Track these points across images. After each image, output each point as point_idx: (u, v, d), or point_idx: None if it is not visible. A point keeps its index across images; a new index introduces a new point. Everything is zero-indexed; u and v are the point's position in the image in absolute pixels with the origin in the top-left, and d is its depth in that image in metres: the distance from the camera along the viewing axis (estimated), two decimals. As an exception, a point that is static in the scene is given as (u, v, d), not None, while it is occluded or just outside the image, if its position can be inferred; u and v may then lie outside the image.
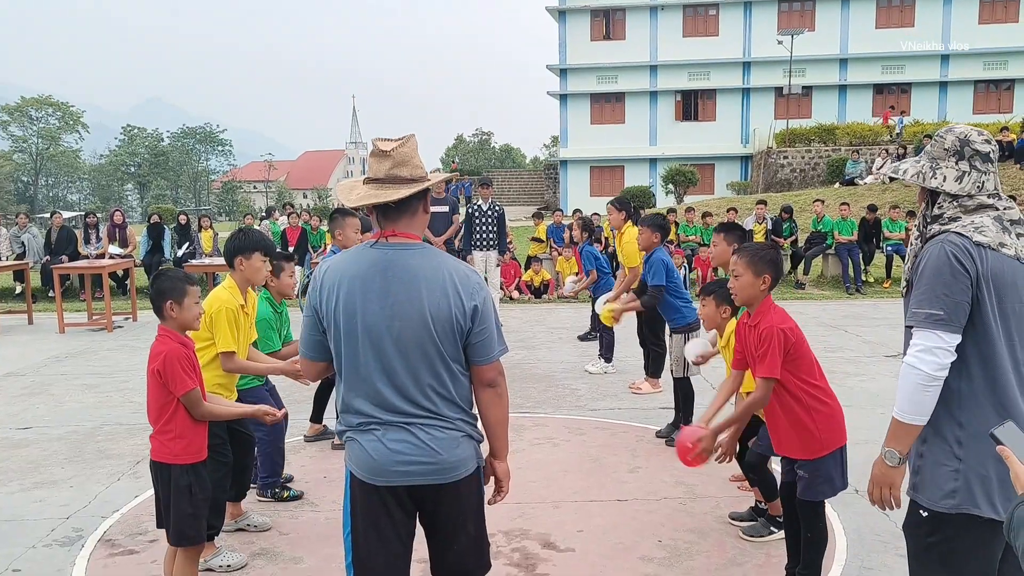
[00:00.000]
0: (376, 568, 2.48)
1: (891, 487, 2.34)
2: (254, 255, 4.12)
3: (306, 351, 2.58)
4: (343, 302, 2.43)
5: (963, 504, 2.19)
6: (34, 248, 14.99)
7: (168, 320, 3.33)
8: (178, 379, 3.23)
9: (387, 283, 2.41)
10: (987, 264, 2.20)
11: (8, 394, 7.67)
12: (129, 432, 6.31)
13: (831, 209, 16.51)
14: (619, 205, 7.33)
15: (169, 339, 3.30)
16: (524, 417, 6.51)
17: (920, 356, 2.19)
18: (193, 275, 3.55)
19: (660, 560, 4.02)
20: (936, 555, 2.24)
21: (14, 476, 5.39)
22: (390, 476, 2.42)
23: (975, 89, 35.34)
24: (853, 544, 4.14)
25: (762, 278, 3.39)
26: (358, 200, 2.48)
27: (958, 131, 2.38)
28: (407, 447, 2.41)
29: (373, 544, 2.46)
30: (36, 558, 4.15)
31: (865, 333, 10.17)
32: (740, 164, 36.43)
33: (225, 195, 75.16)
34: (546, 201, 38.35)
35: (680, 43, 36.46)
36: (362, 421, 2.45)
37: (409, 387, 2.41)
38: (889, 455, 2.31)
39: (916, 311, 2.23)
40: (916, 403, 2.21)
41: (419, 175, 2.47)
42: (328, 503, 4.79)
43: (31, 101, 70.66)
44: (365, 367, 2.42)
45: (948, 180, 2.34)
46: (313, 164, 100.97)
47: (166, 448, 3.29)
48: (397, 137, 2.51)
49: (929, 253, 2.26)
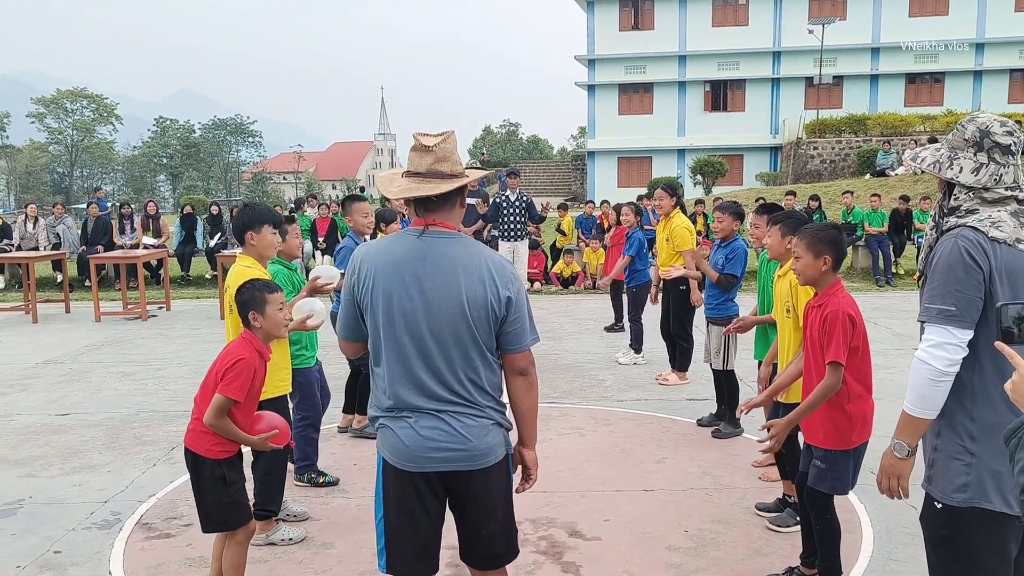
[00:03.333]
0: (407, 552, 2.55)
1: (899, 478, 2.36)
2: (264, 228, 4.11)
3: (344, 332, 2.64)
4: (381, 287, 2.48)
5: (975, 498, 2.19)
6: (70, 239, 15.26)
7: (254, 330, 3.34)
8: (231, 382, 3.19)
9: (425, 269, 2.46)
10: (1001, 259, 2.17)
11: (47, 381, 7.86)
12: (164, 419, 6.44)
13: (861, 200, 16.33)
14: (670, 191, 7.29)
15: (251, 346, 3.29)
16: (551, 407, 6.56)
17: (931, 351, 2.19)
18: (273, 283, 3.55)
19: (686, 550, 4.05)
20: (952, 547, 2.25)
21: (54, 461, 5.54)
22: (422, 463, 2.48)
23: (1011, 78, 34.69)
24: (880, 536, 4.14)
25: (822, 259, 3.34)
26: (399, 192, 2.54)
27: (980, 121, 2.32)
28: (439, 434, 2.46)
29: (405, 529, 2.53)
30: (76, 540, 4.27)
31: (895, 326, 10.08)
32: (769, 155, 36.07)
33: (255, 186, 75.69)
34: (573, 192, 38.27)
35: (709, 33, 36.11)
36: (395, 406, 2.50)
37: (444, 372, 2.47)
38: (898, 447, 2.33)
39: (928, 306, 2.22)
40: (926, 397, 2.21)
41: (458, 171, 2.52)
42: (359, 490, 4.87)
43: (66, 93, 71.67)
44: (402, 351, 2.47)
45: (964, 171, 2.30)
46: (342, 155, 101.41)
47: (201, 440, 3.29)
48: (437, 133, 2.57)
49: (943, 247, 2.24)
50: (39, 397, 7.26)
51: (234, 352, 3.29)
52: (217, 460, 3.30)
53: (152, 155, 76.66)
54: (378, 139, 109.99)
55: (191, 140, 76.81)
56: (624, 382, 7.51)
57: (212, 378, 3.28)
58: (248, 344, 3.31)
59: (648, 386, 7.35)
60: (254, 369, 3.26)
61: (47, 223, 15.25)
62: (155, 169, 78.03)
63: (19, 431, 6.23)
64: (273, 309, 3.35)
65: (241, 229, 4.16)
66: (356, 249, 2.69)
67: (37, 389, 7.56)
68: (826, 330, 3.26)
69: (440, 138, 2.53)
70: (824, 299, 3.34)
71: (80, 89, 72.78)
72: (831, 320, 3.25)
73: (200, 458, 3.31)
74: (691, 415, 6.26)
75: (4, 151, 71.25)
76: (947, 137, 2.41)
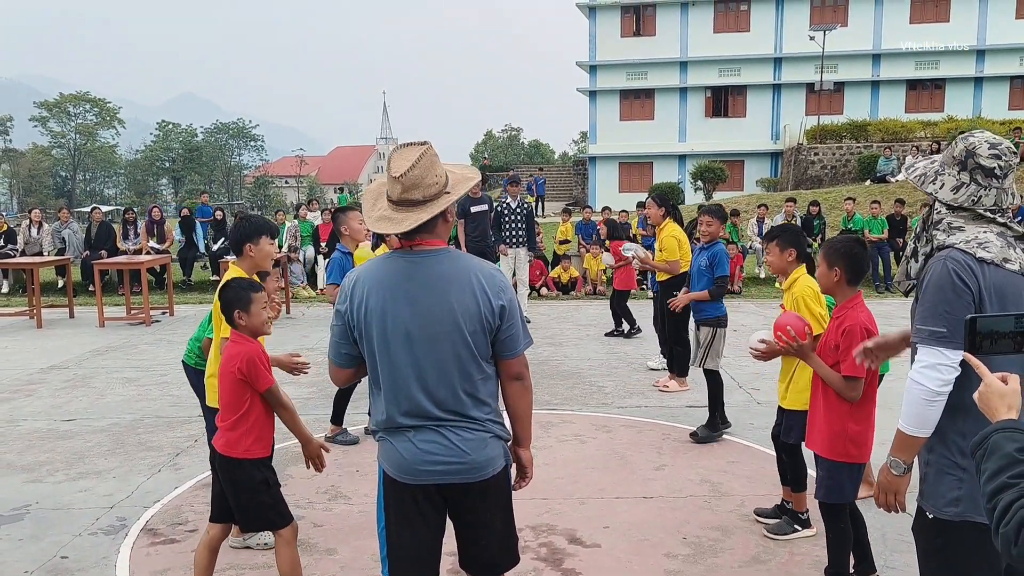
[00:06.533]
0: (408, 560, 2.60)
1: (896, 494, 2.43)
2: (262, 239, 4.16)
3: (336, 358, 2.66)
4: (374, 310, 2.51)
5: (966, 512, 2.23)
6: (74, 243, 15.31)
7: (239, 328, 3.44)
8: (261, 376, 3.35)
9: (417, 288, 2.49)
10: (989, 279, 2.20)
11: (52, 387, 7.91)
12: (168, 425, 6.50)
13: (862, 207, 16.39)
14: (659, 201, 7.35)
15: (246, 340, 3.40)
16: (551, 414, 6.61)
17: (924, 372, 2.23)
18: (257, 283, 3.65)
19: (684, 557, 4.10)
20: (943, 558, 2.29)
21: (60, 466, 5.59)
22: (420, 476, 2.53)
23: (1011, 85, 34.75)
24: (877, 544, 4.17)
25: (834, 270, 3.36)
26: (374, 223, 2.56)
27: (970, 140, 2.31)
28: (437, 447, 2.51)
29: (405, 538, 2.59)
30: (83, 545, 4.32)
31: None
32: (770, 161, 36.16)
33: (257, 190, 75.90)
34: (574, 197, 38.33)
35: (711, 39, 36.23)
36: (394, 423, 2.55)
37: (441, 390, 2.51)
38: (894, 464, 2.39)
39: (920, 327, 2.26)
40: (920, 417, 2.26)
41: (432, 193, 2.49)
42: (360, 496, 4.92)
43: (69, 97, 71.89)
44: (398, 372, 2.51)
45: (945, 188, 2.32)
46: (344, 159, 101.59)
47: (239, 443, 3.37)
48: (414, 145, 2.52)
49: (932, 269, 2.27)
50: (44, 402, 7.32)
51: (236, 352, 3.37)
52: (255, 461, 3.38)
53: (154, 159, 76.84)
54: (380, 143, 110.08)
55: (193, 144, 76.97)
56: (624, 389, 7.56)
57: (226, 380, 3.38)
58: (243, 340, 3.40)
59: (648, 393, 7.39)
60: (261, 353, 3.39)
61: (53, 227, 15.32)
62: (157, 173, 78.20)
63: (25, 436, 6.28)
64: (257, 308, 3.44)
65: (240, 241, 4.20)
66: (347, 275, 2.70)
67: (42, 394, 7.61)
68: (844, 344, 3.27)
69: (410, 165, 2.44)
70: (843, 312, 3.37)
71: (83, 93, 72.98)
72: (849, 332, 3.27)
73: (239, 464, 3.37)
74: (691, 422, 6.30)
75: (7, 155, 71.45)
76: (945, 151, 2.42)
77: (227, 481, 3.44)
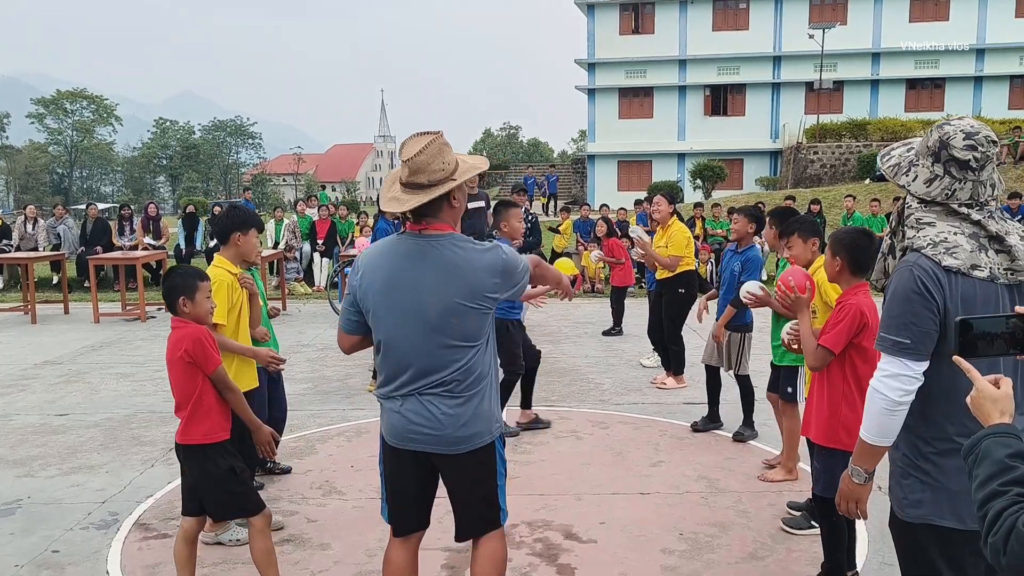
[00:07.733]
0: (401, 492, 2.87)
1: (858, 501, 2.40)
2: (251, 231, 4.15)
3: (344, 325, 2.88)
4: (380, 286, 2.71)
5: (929, 515, 2.18)
6: (70, 239, 15.27)
7: (182, 315, 3.40)
8: (209, 356, 3.31)
9: (417, 269, 2.67)
10: (956, 290, 2.10)
11: (46, 382, 7.87)
12: (162, 420, 6.46)
13: (862, 205, 16.38)
14: (669, 198, 7.29)
15: (188, 324, 3.36)
16: (548, 410, 6.58)
17: (886, 382, 2.16)
18: (203, 271, 3.60)
19: (681, 553, 4.07)
20: (910, 556, 2.26)
21: (53, 461, 5.55)
22: (405, 442, 2.76)
23: (1011, 84, 34.75)
24: (875, 540, 4.15)
25: (836, 259, 3.35)
26: (385, 203, 2.76)
27: (945, 130, 2.16)
28: (419, 418, 2.72)
29: (398, 489, 2.87)
30: (74, 540, 4.29)
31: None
32: (769, 159, 36.13)
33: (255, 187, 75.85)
34: (573, 195, 38.28)
35: (710, 37, 36.16)
36: (391, 390, 2.77)
37: (430, 364, 2.69)
38: (856, 473, 2.35)
39: (884, 336, 2.17)
40: (882, 426, 2.21)
41: (437, 179, 2.65)
42: (355, 491, 4.89)
43: (66, 94, 71.78)
44: (393, 344, 2.72)
45: (918, 180, 2.20)
46: (342, 157, 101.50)
47: (196, 429, 3.34)
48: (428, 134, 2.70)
49: (899, 277, 2.17)
50: (38, 397, 7.28)
51: (181, 336, 3.33)
52: (217, 446, 3.34)
53: (152, 156, 76.79)
54: (378, 141, 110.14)
55: (191, 141, 76.95)
56: (621, 386, 7.53)
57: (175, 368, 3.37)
58: (185, 325, 3.36)
59: (645, 390, 7.36)
60: (205, 334, 3.34)
61: (48, 224, 15.27)
62: (154, 170, 78.16)
63: (17, 431, 6.24)
64: (202, 296, 3.40)
65: (229, 228, 4.16)
66: (361, 253, 2.91)
67: (36, 389, 7.57)
68: (835, 317, 3.31)
69: (419, 148, 2.63)
70: (846, 297, 3.39)
71: (80, 90, 72.87)
72: (843, 309, 3.29)
73: (200, 450, 3.34)
74: (687, 419, 6.28)
75: (4, 151, 71.32)
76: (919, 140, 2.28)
77: (194, 472, 3.40)
